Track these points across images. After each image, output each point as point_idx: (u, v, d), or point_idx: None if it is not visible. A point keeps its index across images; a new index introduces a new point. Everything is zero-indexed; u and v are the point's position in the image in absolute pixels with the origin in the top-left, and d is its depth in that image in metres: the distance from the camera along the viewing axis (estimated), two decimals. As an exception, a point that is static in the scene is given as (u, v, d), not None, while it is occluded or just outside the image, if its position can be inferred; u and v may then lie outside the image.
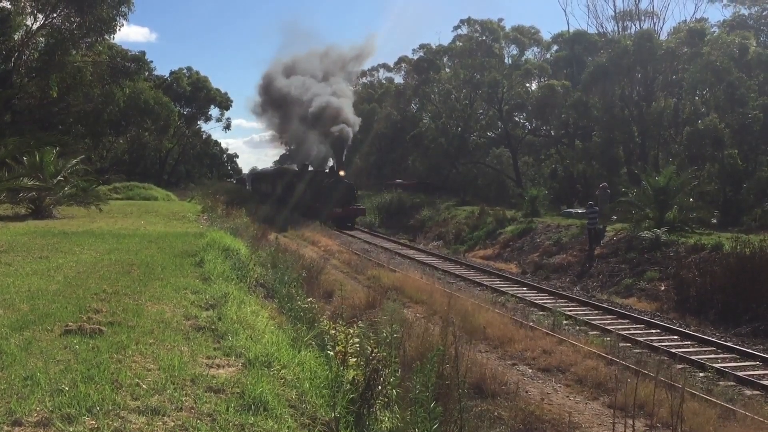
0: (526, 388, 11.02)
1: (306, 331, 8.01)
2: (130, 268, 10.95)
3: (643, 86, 44.41)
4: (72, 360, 5.59)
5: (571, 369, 11.76)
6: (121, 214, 24.72)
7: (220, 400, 4.93)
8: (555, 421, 9.40)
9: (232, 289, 9.35)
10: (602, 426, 9.40)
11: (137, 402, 4.74)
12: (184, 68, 67.70)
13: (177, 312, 7.78)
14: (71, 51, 36.66)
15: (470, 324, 13.74)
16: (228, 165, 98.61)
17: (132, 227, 19.22)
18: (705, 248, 20.85)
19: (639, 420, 8.78)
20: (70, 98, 40.09)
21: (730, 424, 8.80)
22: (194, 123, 70.21)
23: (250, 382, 5.31)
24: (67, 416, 4.37)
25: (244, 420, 4.58)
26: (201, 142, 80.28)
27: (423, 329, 11.17)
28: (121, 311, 7.55)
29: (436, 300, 16.30)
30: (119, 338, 6.33)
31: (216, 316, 7.61)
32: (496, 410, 9.50)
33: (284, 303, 10.13)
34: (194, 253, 12.89)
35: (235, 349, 6.33)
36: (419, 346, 9.67)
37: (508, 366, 12.25)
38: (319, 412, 5.33)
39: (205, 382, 5.32)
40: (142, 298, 8.42)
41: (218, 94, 69.14)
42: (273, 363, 6.03)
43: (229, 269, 11.16)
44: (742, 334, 15.13)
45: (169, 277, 10.08)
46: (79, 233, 16.72)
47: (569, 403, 10.41)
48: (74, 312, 7.38)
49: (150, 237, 16.18)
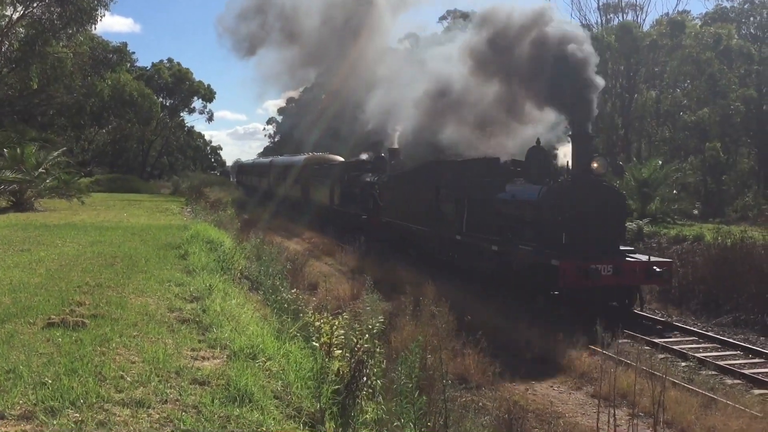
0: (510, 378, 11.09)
1: (291, 323, 8.01)
2: (113, 260, 10.88)
3: (625, 78, 44.67)
4: (55, 353, 5.56)
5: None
6: (104, 207, 24.54)
7: (205, 392, 4.93)
8: (539, 411, 9.48)
9: (217, 281, 9.32)
10: (585, 416, 9.48)
11: (121, 394, 4.72)
12: (165, 60, 67.19)
13: (161, 304, 7.75)
14: (52, 42, 36.20)
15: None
16: (211, 157, 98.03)
17: (115, 220, 19.09)
18: (687, 239, 21.08)
19: (621, 409, 8.87)
20: (51, 90, 39.61)
21: (711, 412, 8.90)
22: (177, 115, 69.63)
23: (235, 374, 5.31)
24: (50, 409, 4.35)
25: (229, 412, 4.58)
26: (184, 134, 79.67)
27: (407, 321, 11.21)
28: (105, 304, 7.51)
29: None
30: (102, 331, 6.30)
31: (200, 309, 7.59)
32: (480, 400, 9.55)
33: (269, 295, 10.12)
34: (178, 245, 12.83)
35: (220, 341, 6.32)
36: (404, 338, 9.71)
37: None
38: (305, 403, 5.34)
39: (189, 374, 5.31)
40: (126, 291, 8.38)
41: (201, 86, 68.60)
42: (258, 355, 6.03)
43: (213, 262, 11.13)
44: (723, 324, 15.28)
45: (152, 270, 10.03)
46: (61, 226, 16.58)
47: (553, 393, 10.49)
48: (57, 305, 7.33)
49: (133, 229, 16.08)
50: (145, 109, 49.69)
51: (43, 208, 22.77)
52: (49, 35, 35.45)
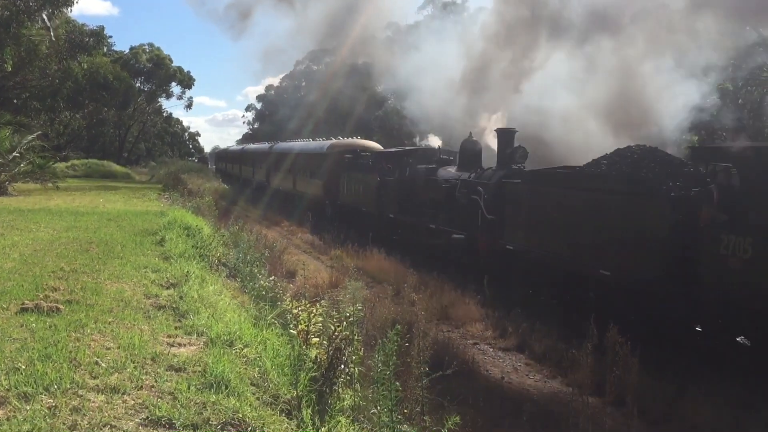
0: (486, 367, 11.17)
1: (269, 310, 7.99)
2: (89, 246, 10.77)
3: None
4: (29, 338, 5.50)
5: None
6: (79, 192, 24.25)
7: (181, 379, 4.90)
8: (515, 399, 9.57)
9: (194, 268, 9.27)
10: (560, 404, 9.58)
11: (96, 380, 4.68)
12: (145, 44, 66.36)
13: (137, 291, 7.69)
14: (27, 24, 35.57)
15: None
16: (189, 144, 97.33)
17: (90, 205, 18.88)
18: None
19: (595, 398, 8.98)
20: (25, 72, 38.96)
21: (684, 400, 9.03)
22: (155, 100, 68.91)
23: (212, 360, 5.29)
24: (23, 395, 4.30)
25: (205, 398, 4.56)
26: (162, 120, 78.96)
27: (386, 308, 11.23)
28: (80, 289, 7.43)
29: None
30: (77, 316, 6.24)
31: (177, 295, 7.54)
32: (457, 388, 9.61)
33: (247, 282, 10.08)
34: (155, 231, 12.73)
35: (197, 327, 6.29)
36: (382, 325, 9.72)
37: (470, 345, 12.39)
38: (282, 390, 5.34)
39: (165, 360, 5.28)
40: (101, 277, 8.31)
41: (179, 71, 67.93)
42: (235, 342, 6.01)
43: (190, 248, 11.05)
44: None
45: (128, 256, 9.95)
46: (36, 210, 16.37)
47: (529, 381, 10.58)
48: (31, 290, 7.25)
49: (109, 215, 15.91)
50: (122, 94, 49.06)
51: (17, 192, 22.47)
52: (24, 17, 34.83)
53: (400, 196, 20.44)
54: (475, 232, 15.82)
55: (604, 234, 11.14)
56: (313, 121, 54.22)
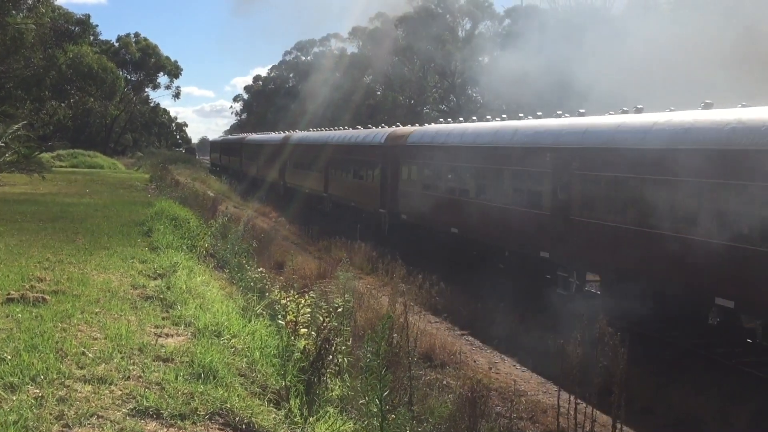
0: (474, 358, 11.21)
1: (257, 301, 7.97)
2: (75, 236, 10.70)
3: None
4: (14, 329, 5.45)
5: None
6: (65, 182, 24.06)
7: (168, 369, 4.88)
8: (502, 389, 9.61)
9: (182, 258, 9.22)
10: (547, 394, 9.64)
11: (83, 371, 4.65)
12: (132, 34, 65.85)
13: (124, 281, 7.65)
14: (12, 12, 35.17)
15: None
16: (177, 134, 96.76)
17: (77, 195, 18.75)
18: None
19: (583, 388, 9.02)
20: (10, 62, 38.55)
21: (669, 391, 9.11)
22: (142, 90, 68.46)
23: (200, 351, 5.27)
24: (9, 385, 4.26)
25: (193, 388, 4.54)
26: (149, 110, 78.43)
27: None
28: (66, 280, 7.38)
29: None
30: (64, 307, 6.20)
31: (164, 286, 7.50)
32: (444, 379, 9.64)
33: (235, 273, 10.05)
34: (142, 222, 12.66)
35: (184, 318, 6.26)
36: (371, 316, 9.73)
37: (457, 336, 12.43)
38: (270, 380, 5.33)
39: (153, 351, 5.25)
40: (88, 267, 8.25)
41: (168, 61, 67.50)
42: (223, 332, 5.99)
43: (178, 239, 10.99)
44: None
45: (115, 246, 9.89)
46: (21, 201, 16.24)
47: (516, 372, 10.64)
48: (16, 280, 7.19)
49: (95, 206, 15.81)
50: (108, 83, 48.68)
51: (3, 182, 22.23)
52: (8, 5, 34.43)
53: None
54: None
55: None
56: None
